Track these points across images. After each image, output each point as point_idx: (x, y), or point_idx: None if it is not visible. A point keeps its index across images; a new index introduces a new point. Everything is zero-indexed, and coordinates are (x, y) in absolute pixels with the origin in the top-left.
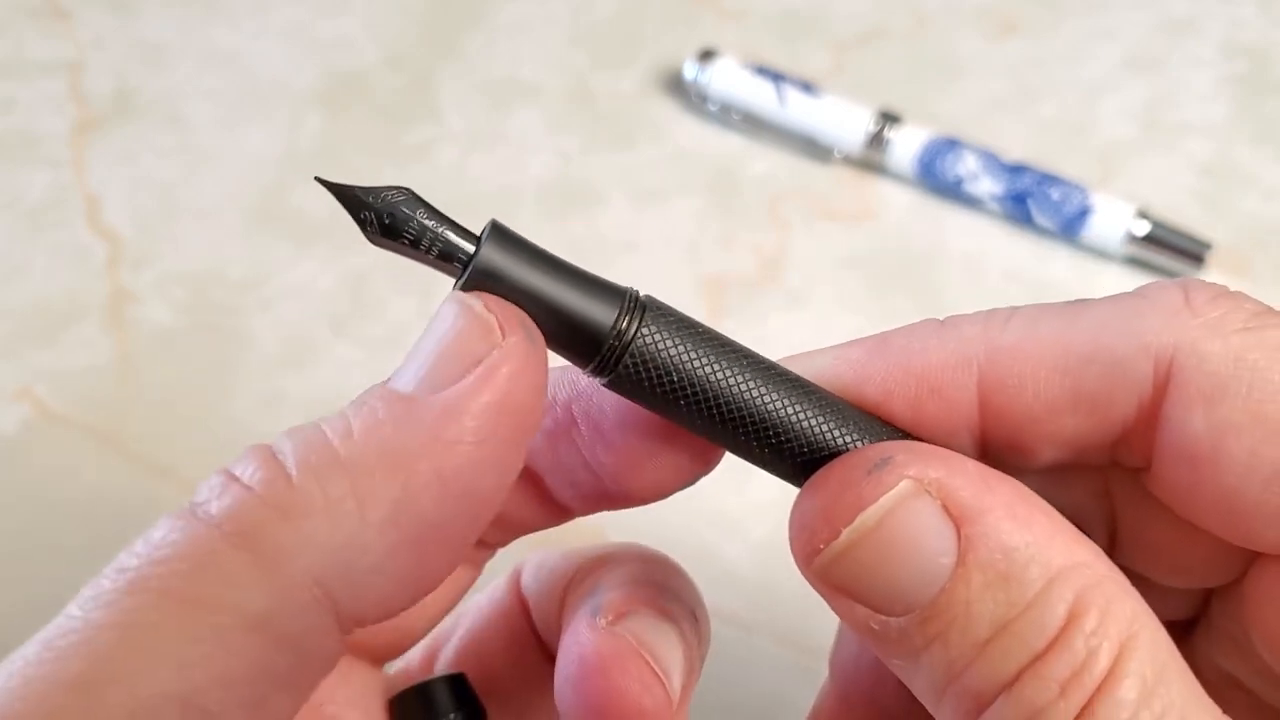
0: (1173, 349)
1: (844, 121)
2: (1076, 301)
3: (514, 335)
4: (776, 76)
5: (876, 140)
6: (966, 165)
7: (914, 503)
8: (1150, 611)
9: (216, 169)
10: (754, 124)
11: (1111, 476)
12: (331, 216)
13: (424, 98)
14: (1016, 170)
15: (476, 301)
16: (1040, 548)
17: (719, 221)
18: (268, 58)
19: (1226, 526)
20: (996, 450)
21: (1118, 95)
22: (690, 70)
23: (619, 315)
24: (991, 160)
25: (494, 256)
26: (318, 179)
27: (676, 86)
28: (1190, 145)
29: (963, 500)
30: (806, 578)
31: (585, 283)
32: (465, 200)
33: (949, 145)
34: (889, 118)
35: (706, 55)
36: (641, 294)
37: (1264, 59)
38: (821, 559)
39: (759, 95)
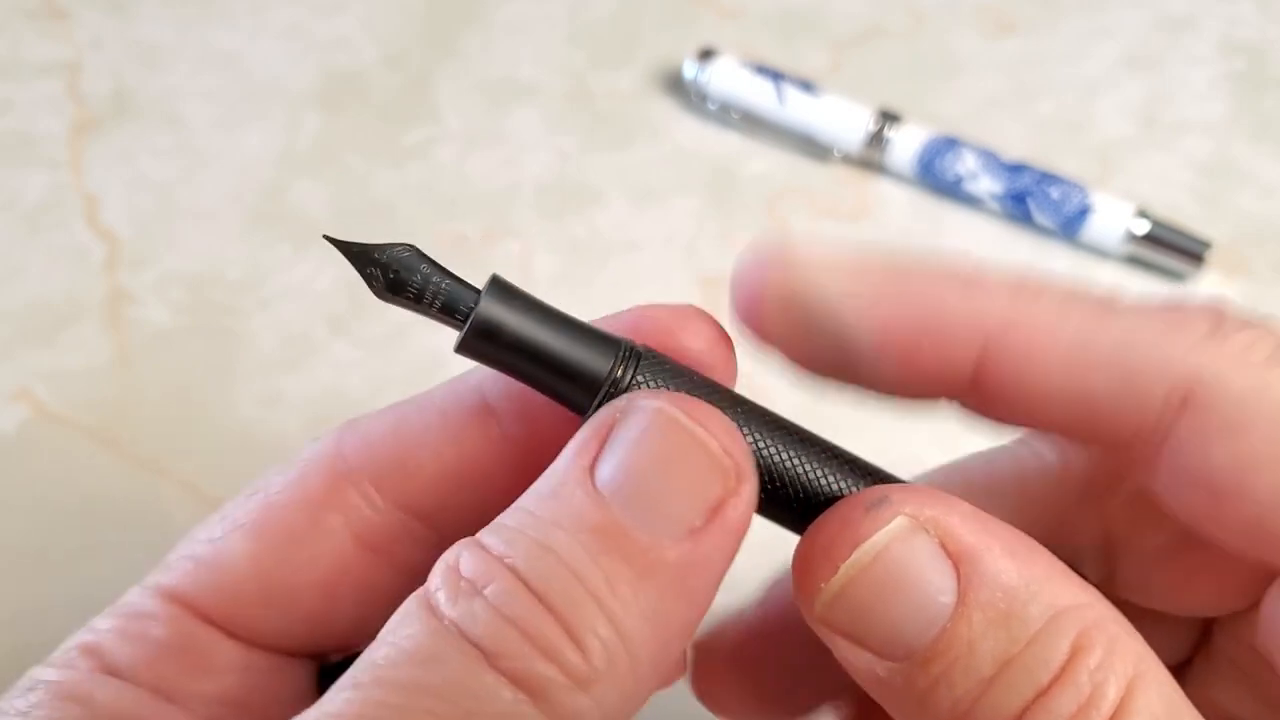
0: (1194, 376)
1: (843, 120)
2: (1108, 298)
3: (748, 483)
4: (776, 75)
5: (876, 139)
6: (966, 164)
7: (911, 539)
8: (1154, 653)
9: (214, 169)
10: (753, 123)
11: (1111, 502)
12: (330, 217)
13: (422, 97)
14: (1016, 169)
15: (711, 439)
16: (1041, 586)
17: (718, 220)
18: (265, 58)
19: (1248, 549)
20: (972, 409)
21: (1116, 93)
22: (689, 69)
23: (614, 365)
24: (991, 159)
25: (493, 309)
26: (326, 237)
27: (675, 85)
28: (1189, 143)
29: (961, 538)
30: (810, 623)
31: (582, 333)
32: (464, 200)
33: (948, 144)
34: (888, 117)
35: (706, 54)
36: (637, 344)
37: (1262, 56)
38: (822, 597)
39: (758, 94)
